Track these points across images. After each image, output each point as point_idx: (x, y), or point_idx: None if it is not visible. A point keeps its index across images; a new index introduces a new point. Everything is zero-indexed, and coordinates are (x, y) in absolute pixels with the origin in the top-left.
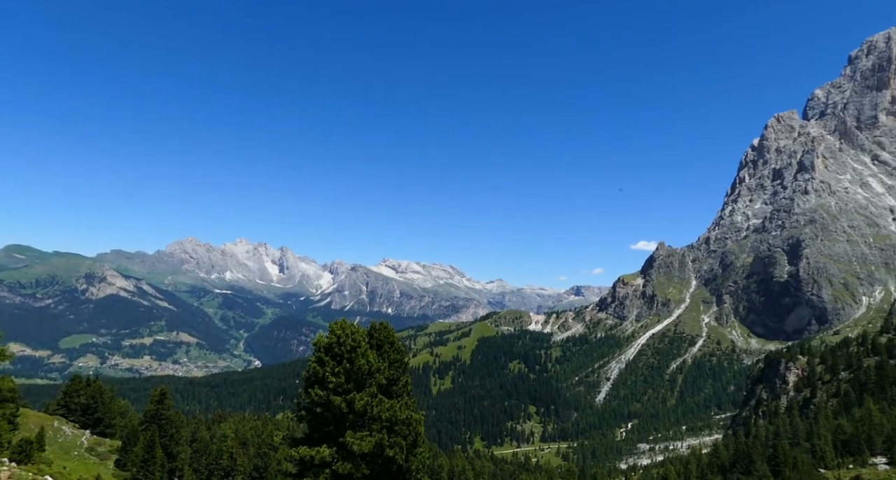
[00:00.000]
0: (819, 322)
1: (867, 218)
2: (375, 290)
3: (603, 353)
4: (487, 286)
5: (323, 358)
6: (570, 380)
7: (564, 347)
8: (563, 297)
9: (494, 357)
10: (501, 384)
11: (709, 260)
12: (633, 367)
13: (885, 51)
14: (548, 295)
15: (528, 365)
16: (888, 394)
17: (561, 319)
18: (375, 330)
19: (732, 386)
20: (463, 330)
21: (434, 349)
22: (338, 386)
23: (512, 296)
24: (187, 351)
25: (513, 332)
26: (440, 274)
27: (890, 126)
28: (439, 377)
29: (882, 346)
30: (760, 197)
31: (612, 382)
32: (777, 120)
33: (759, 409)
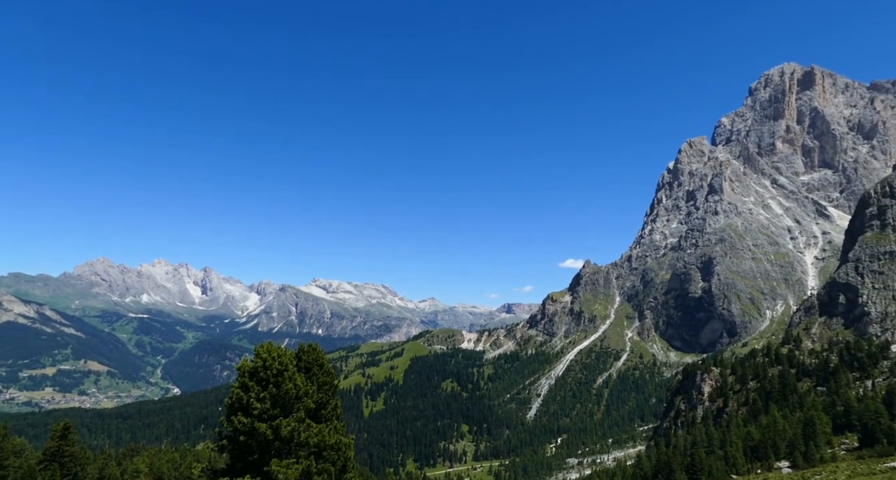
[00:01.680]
0: (730, 334)
1: (769, 237)
2: (305, 311)
3: (533, 370)
4: (420, 305)
5: (247, 383)
6: (502, 398)
7: (496, 365)
8: (495, 315)
9: (427, 376)
10: (434, 403)
11: (631, 277)
12: (563, 383)
13: (779, 84)
14: (480, 313)
15: (461, 383)
16: (790, 401)
17: (493, 337)
18: (304, 353)
19: (654, 399)
20: (395, 349)
21: (366, 370)
22: (263, 412)
23: (444, 315)
24: (96, 381)
25: (445, 351)
26: (372, 293)
27: (786, 153)
28: (371, 398)
29: (784, 356)
30: (676, 217)
31: (543, 398)
32: (689, 145)
33: (679, 420)
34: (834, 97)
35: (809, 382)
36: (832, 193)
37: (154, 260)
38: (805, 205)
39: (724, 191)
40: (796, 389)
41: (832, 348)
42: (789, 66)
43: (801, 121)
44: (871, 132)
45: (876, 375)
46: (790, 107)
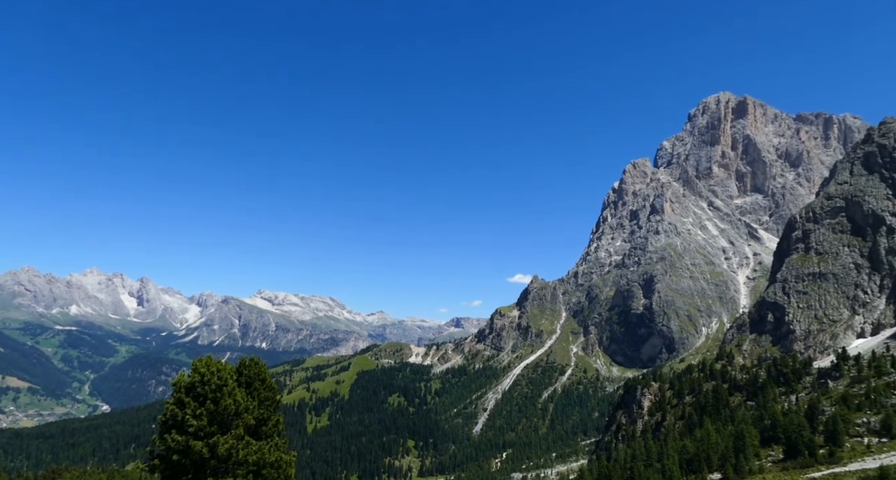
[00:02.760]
0: (669, 350)
1: (705, 256)
2: (249, 324)
3: (481, 384)
4: (369, 318)
5: (183, 399)
6: (448, 412)
7: (444, 379)
8: (444, 329)
9: (374, 391)
10: (380, 419)
11: (577, 293)
12: (509, 397)
13: (716, 111)
14: (428, 327)
15: (408, 398)
16: (722, 415)
17: (441, 351)
18: (245, 367)
19: (597, 413)
20: (342, 363)
21: (311, 384)
22: (199, 430)
23: (393, 329)
24: (15, 398)
25: (393, 365)
26: (320, 306)
27: (721, 177)
28: (316, 414)
29: (717, 372)
30: (620, 235)
31: (489, 413)
32: (633, 166)
33: (619, 434)
34: (764, 126)
35: (740, 396)
36: (762, 217)
37: (86, 269)
38: (738, 227)
39: (664, 212)
40: (728, 403)
41: (761, 364)
42: (725, 95)
43: (735, 147)
44: (796, 160)
45: (799, 390)
46: (725, 133)
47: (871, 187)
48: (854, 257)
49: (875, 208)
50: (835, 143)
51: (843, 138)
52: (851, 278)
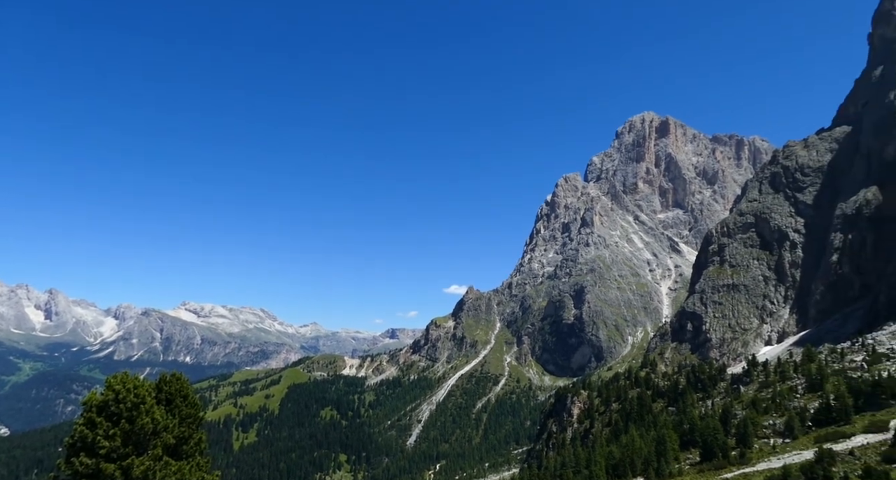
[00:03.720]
0: (597, 359)
1: (631, 268)
2: (172, 337)
3: (415, 396)
4: (301, 330)
5: (94, 418)
6: (382, 425)
7: (378, 391)
8: (379, 340)
9: (305, 404)
10: (312, 433)
11: (511, 303)
12: (444, 408)
13: (641, 130)
14: (363, 339)
15: (341, 411)
16: (646, 421)
17: (375, 362)
18: (166, 383)
19: (529, 422)
20: (272, 377)
21: (239, 399)
22: (112, 451)
23: (327, 340)
24: None
25: (326, 378)
26: (249, 317)
27: (646, 192)
28: (243, 430)
29: (642, 379)
30: (553, 247)
31: (423, 424)
32: (565, 180)
33: (550, 442)
34: (684, 145)
35: (662, 402)
36: (683, 231)
37: None
38: (661, 241)
39: (594, 225)
40: (651, 409)
41: (681, 371)
42: (649, 115)
43: (658, 164)
44: (713, 178)
45: (715, 395)
46: (650, 151)
47: (777, 205)
48: (762, 270)
49: (780, 224)
50: (746, 163)
51: (752, 159)
52: (760, 289)
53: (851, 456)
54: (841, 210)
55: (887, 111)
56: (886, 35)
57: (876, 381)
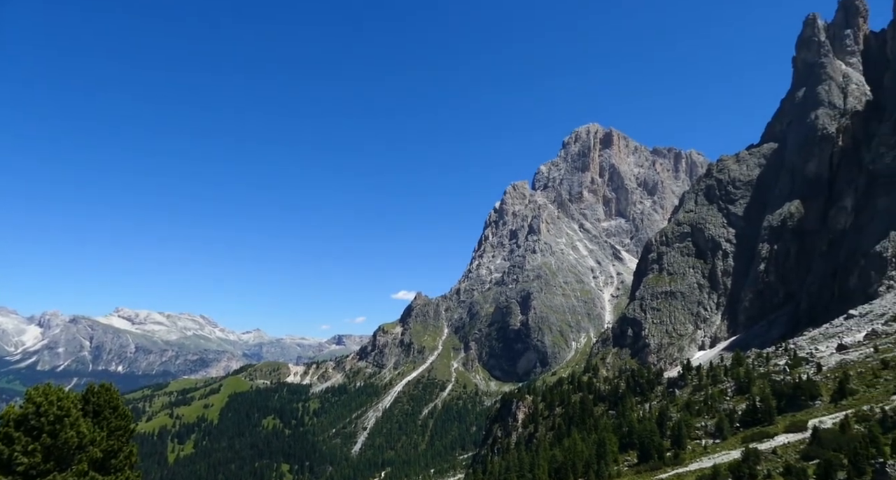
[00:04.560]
0: (542, 364)
1: (576, 275)
2: (103, 345)
3: (361, 403)
4: (244, 337)
5: (12, 434)
6: (327, 433)
7: (323, 398)
8: (325, 347)
9: (247, 413)
10: (253, 443)
11: (459, 309)
12: (390, 415)
13: (586, 141)
14: (309, 345)
15: (284, 419)
16: (587, 424)
17: (321, 369)
18: (93, 394)
19: (475, 427)
20: (212, 386)
21: (175, 409)
22: (31, 468)
23: (270, 347)
24: None
25: (269, 386)
26: (188, 324)
27: (591, 201)
28: (179, 441)
29: (584, 384)
30: (501, 253)
31: (369, 431)
32: (513, 188)
33: (495, 446)
34: (627, 157)
35: (604, 406)
36: (625, 239)
37: None
38: (605, 249)
39: (541, 232)
40: (593, 413)
41: (621, 375)
42: (594, 126)
43: (602, 174)
44: (653, 189)
45: (652, 399)
46: (594, 161)
47: (711, 216)
48: (697, 278)
49: (714, 235)
50: (683, 176)
51: (689, 171)
52: (695, 296)
53: (774, 455)
54: (768, 222)
55: (809, 130)
56: (808, 59)
57: (796, 383)
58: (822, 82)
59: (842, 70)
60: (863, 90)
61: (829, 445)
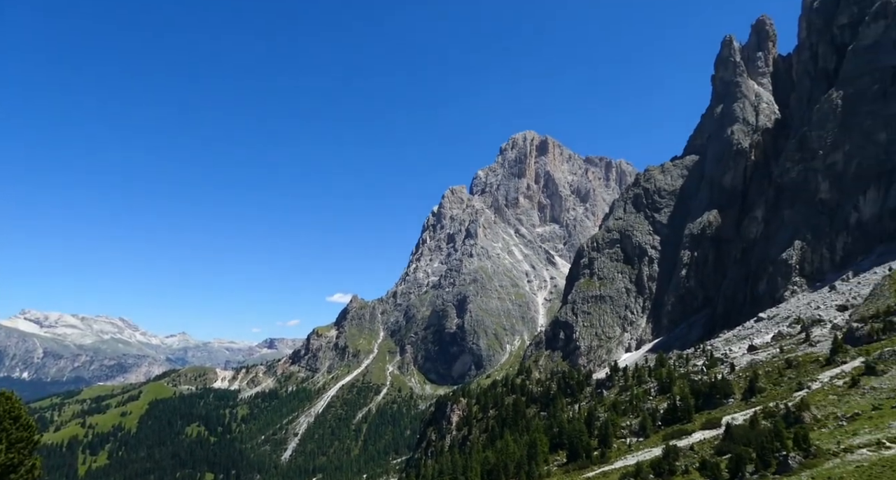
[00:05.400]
0: (477, 367)
1: (511, 279)
2: (5, 350)
3: (293, 408)
4: (167, 340)
5: None
6: (255, 440)
7: (253, 404)
8: (256, 350)
9: (169, 421)
10: (174, 452)
11: (395, 312)
12: (322, 420)
13: (523, 147)
14: (238, 349)
15: (210, 427)
16: (520, 426)
17: (251, 374)
18: None
19: (409, 431)
20: (131, 392)
21: (88, 418)
22: None
23: (197, 351)
24: None
25: (194, 392)
26: (106, 327)
27: (526, 207)
28: (91, 452)
29: (518, 386)
30: (438, 257)
31: (300, 437)
32: (452, 192)
33: (429, 450)
34: (561, 164)
35: (535, 408)
36: (558, 245)
37: None
38: (539, 253)
39: (478, 237)
40: (525, 415)
41: (553, 377)
42: (530, 134)
43: (538, 181)
44: (585, 196)
45: (582, 399)
46: (530, 168)
47: (638, 224)
48: (625, 282)
49: (641, 241)
50: (613, 184)
51: (619, 180)
52: (623, 300)
53: (692, 451)
54: (689, 230)
55: (726, 144)
56: (725, 78)
57: (712, 383)
58: (738, 100)
59: (754, 89)
60: (772, 109)
61: (739, 440)
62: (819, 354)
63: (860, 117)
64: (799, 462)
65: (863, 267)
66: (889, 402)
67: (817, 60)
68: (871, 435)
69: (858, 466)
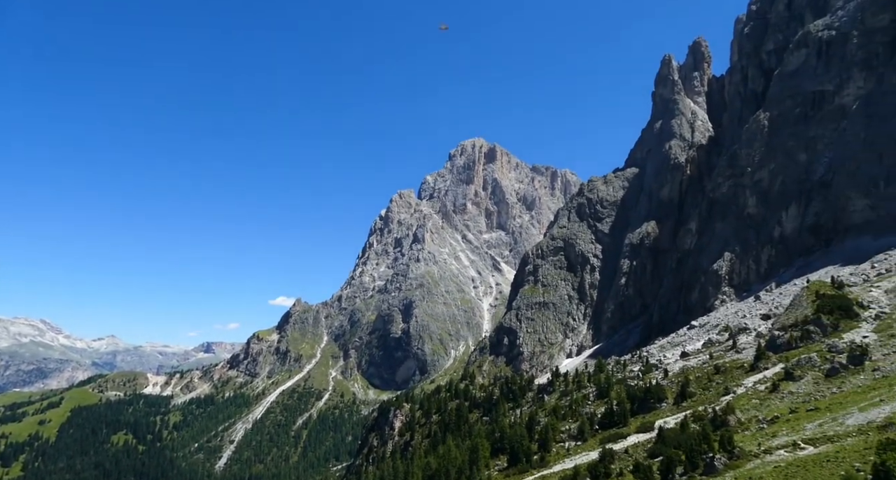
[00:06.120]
0: (422, 372)
1: (457, 285)
2: None
3: (230, 414)
4: (94, 344)
5: None
6: (188, 448)
7: (186, 411)
8: (192, 355)
9: (93, 430)
10: (98, 462)
11: (340, 316)
12: (261, 426)
13: (472, 154)
14: (173, 353)
15: (139, 435)
16: (462, 431)
17: (186, 379)
18: None
19: (351, 437)
20: (51, 399)
21: (1, 427)
22: None
23: (127, 356)
24: None
25: (122, 398)
26: (24, 330)
27: (474, 213)
28: (3, 464)
29: (461, 391)
30: (385, 261)
31: (237, 444)
32: (400, 196)
33: (371, 456)
34: (509, 172)
35: (478, 413)
36: (504, 251)
37: None
38: (485, 260)
39: (425, 241)
40: (468, 420)
41: (496, 382)
42: (479, 141)
43: (485, 188)
44: (531, 204)
45: (524, 404)
46: (478, 175)
47: (581, 232)
48: (568, 290)
49: (583, 250)
50: (558, 193)
51: (564, 189)
52: (565, 307)
53: (626, 454)
54: (629, 240)
55: (664, 159)
56: (664, 95)
57: (647, 388)
58: (675, 117)
59: (691, 107)
60: (707, 126)
61: (671, 443)
62: (745, 360)
63: (784, 138)
64: (724, 464)
65: (784, 279)
66: (804, 406)
67: (747, 82)
68: (789, 437)
69: (776, 466)
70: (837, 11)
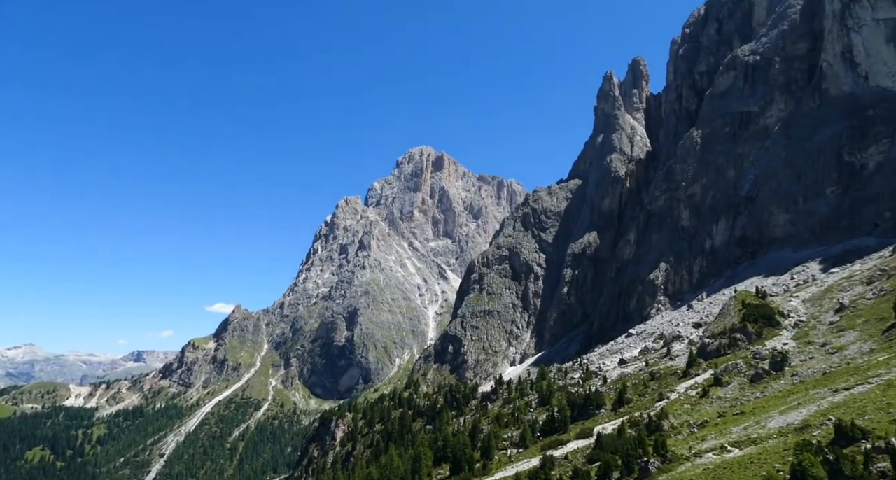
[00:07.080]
0: (365, 381)
1: (403, 292)
2: None
3: (161, 426)
4: (9, 353)
5: None
6: (113, 463)
7: (112, 423)
8: (120, 364)
9: (5, 445)
10: None
11: (281, 324)
12: (194, 439)
13: (419, 162)
14: (99, 363)
15: (57, 450)
16: (406, 440)
17: (112, 390)
18: None
19: (290, 448)
20: None
21: None
22: None
23: (46, 365)
24: None
25: (40, 411)
26: None
27: (421, 221)
28: None
29: (405, 400)
30: (329, 268)
31: (167, 458)
32: (346, 202)
33: (310, 467)
34: (456, 181)
35: (422, 421)
36: (450, 259)
37: None
38: (431, 267)
39: (371, 248)
40: (412, 429)
41: (440, 391)
42: (427, 149)
43: (433, 196)
44: (478, 213)
45: (467, 412)
46: (426, 183)
47: (526, 242)
48: (512, 298)
49: (528, 259)
50: (504, 202)
51: (510, 198)
52: (510, 315)
53: (566, 460)
54: (571, 249)
55: (605, 171)
56: (606, 110)
57: (587, 395)
58: (616, 131)
59: (630, 123)
60: (645, 141)
61: (608, 448)
62: (678, 367)
63: (714, 155)
64: (657, 467)
65: (714, 289)
66: (731, 410)
67: (682, 101)
68: (717, 440)
69: (706, 469)
70: (762, 38)
